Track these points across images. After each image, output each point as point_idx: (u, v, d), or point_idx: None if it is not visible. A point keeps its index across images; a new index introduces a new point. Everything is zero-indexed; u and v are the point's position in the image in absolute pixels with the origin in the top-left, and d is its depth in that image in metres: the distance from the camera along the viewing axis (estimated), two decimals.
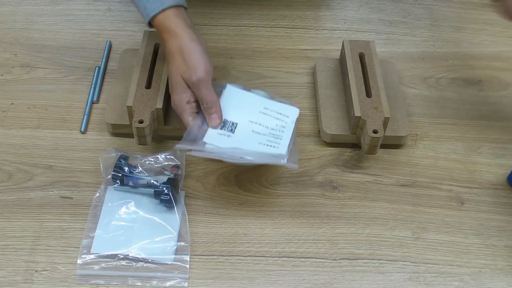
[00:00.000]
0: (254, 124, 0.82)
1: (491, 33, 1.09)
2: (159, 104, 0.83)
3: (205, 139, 0.80)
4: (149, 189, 0.80)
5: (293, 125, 0.83)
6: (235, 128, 0.81)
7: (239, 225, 0.80)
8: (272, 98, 0.86)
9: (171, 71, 0.81)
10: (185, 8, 0.83)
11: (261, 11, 1.10)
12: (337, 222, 0.81)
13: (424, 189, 0.85)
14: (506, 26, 1.10)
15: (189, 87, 0.80)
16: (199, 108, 0.81)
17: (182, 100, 0.80)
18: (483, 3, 1.15)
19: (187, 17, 0.82)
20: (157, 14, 0.80)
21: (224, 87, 0.85)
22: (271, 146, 0.80)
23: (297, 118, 0.84)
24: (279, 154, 0.79)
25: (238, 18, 1.08)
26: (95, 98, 0.94)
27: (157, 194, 0.79)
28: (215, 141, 0.80)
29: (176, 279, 0.74)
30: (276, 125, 0.83)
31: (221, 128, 0.81)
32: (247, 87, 0.86)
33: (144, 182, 0.81)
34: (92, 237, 0.77)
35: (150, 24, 0.82)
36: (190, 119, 0.80)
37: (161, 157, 0.84)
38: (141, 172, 0.82)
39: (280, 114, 0.84)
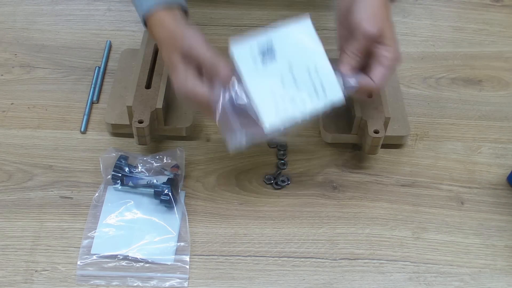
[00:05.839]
0: (289, 74, 0.71)
1: (491, 33, 1.09)
2: (159, 104, 0.83)
3: (235, 49, 0.71)
4: (149, 189, 0.80)
5: (318, 106, 0.70)
6: (270, 63, 0.70)
7: (239, 225, 0.80)
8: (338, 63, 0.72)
9: (166, 52, 0.74)
10: (186, 12, 0.78)
11: (261, 11, 1.10)
12: (337, 222, 0.81)
13: (424, 189, 0.85)
14: (506, 26, 1.10)
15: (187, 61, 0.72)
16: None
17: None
18: (483, 3, 1.15)
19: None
20: (153, 13, 0.76)
21: (305, 18, 0.72)
22: (276, 106, 0.70)
23: (333, 102, 0.70)
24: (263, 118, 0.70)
25: (239, 18, 1.08)
26: (95, 98, 0.94)
27: (157, 194, 0.79)
28: (242, 59, 0.70)
29: (176, 279, 0.74)
30: (308, 93, 0.70)
31: (259, 53, 0.71)
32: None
33: (144, 182, 0.81)
34: (92, 238, 0.77)
35: (146, 24, 0.78)
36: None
37: (161, 157, 0.84)
38: (141, 172, 0.82)
39: (321, 86, 0.70)
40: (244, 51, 0.71)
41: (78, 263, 0.75)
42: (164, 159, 0.84)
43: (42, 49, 1.01)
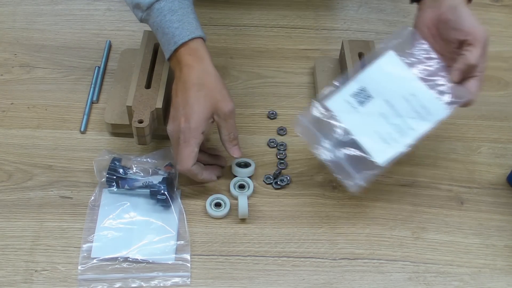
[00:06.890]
0: (388, 106, 0.72)
1: (491, 33, 1.08)
2: (159, 104, 0.83)
3: (329, 103, 0.74)
4: (144, 190, 0.80)
5: (427, 127, 0.71)
6: (367, 101, 0.73)
7: (239, 225, 0.80)
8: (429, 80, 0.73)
9: (197, 98, 0.76)
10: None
11: (261, 11, 1.10)
12: (337, 222, 0.81)
13: (424, 189, 0.85)
14: (506, 26, 1.10)
15: (212, 118, 0.77)
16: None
17: (200, 128, 0.76)
18: (483, 3, 1.15)
19: None
20: (187, 41, 0.78)
21: (386, 49, 0.73)
22: (384, 141, 0.72)
23: (441, 120, 0.71)
24: (373, 161, 0.73)
25: (238, 18, 1.08)
26: (94, 98, 0.94)
27: (153, 194, 0.79)
28: (338, 107, 0.73)
29: (179, 277, 0.74)
30: (413, 118, 0.71)
31: (352, 95, 0.73)
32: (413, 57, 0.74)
33: (139, 184, 0.80)
34: (91, 242, 0.77)
35: (171, 56, 0.79)
36: (196, 150, 0.77)
37: (153, 156, 0.84)
38: (136, 173, 0.82)
39: (424, 108, 0.71)
40: (339, 102, 0.74)
41: (79, 268, 0.74)
42: (157, 158, 0.83)
43: (42, 49, 1.01)
